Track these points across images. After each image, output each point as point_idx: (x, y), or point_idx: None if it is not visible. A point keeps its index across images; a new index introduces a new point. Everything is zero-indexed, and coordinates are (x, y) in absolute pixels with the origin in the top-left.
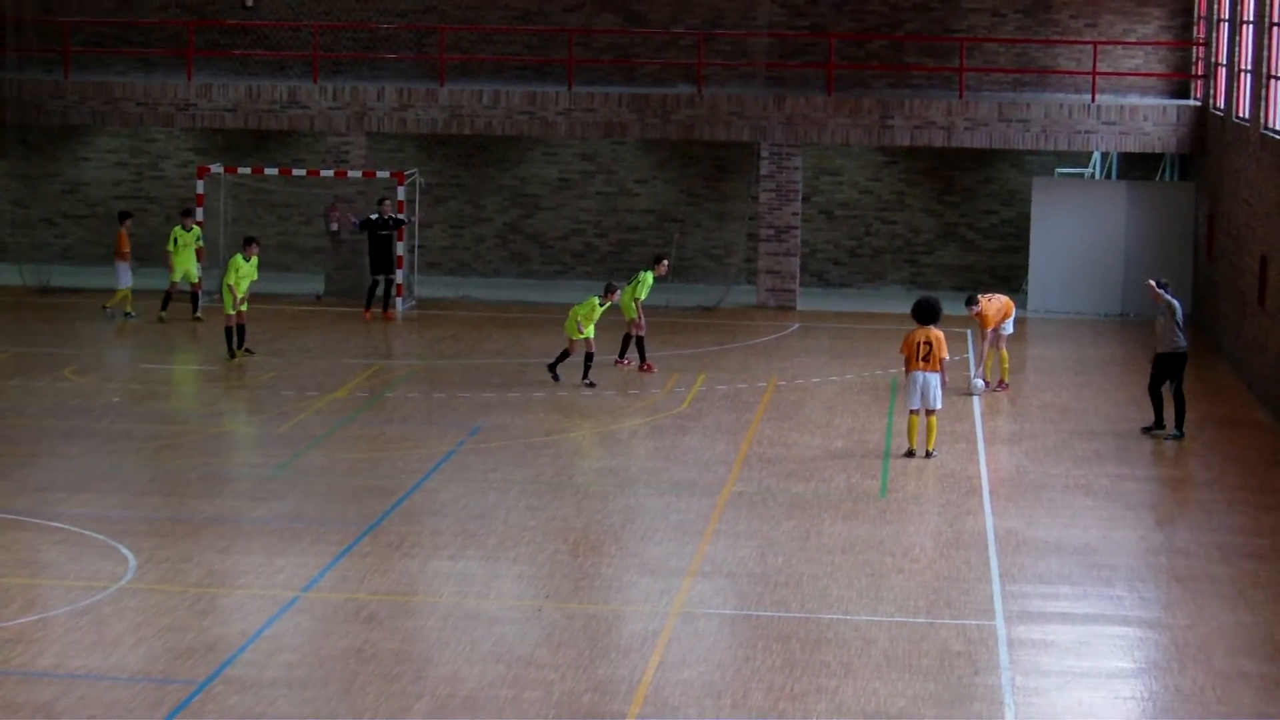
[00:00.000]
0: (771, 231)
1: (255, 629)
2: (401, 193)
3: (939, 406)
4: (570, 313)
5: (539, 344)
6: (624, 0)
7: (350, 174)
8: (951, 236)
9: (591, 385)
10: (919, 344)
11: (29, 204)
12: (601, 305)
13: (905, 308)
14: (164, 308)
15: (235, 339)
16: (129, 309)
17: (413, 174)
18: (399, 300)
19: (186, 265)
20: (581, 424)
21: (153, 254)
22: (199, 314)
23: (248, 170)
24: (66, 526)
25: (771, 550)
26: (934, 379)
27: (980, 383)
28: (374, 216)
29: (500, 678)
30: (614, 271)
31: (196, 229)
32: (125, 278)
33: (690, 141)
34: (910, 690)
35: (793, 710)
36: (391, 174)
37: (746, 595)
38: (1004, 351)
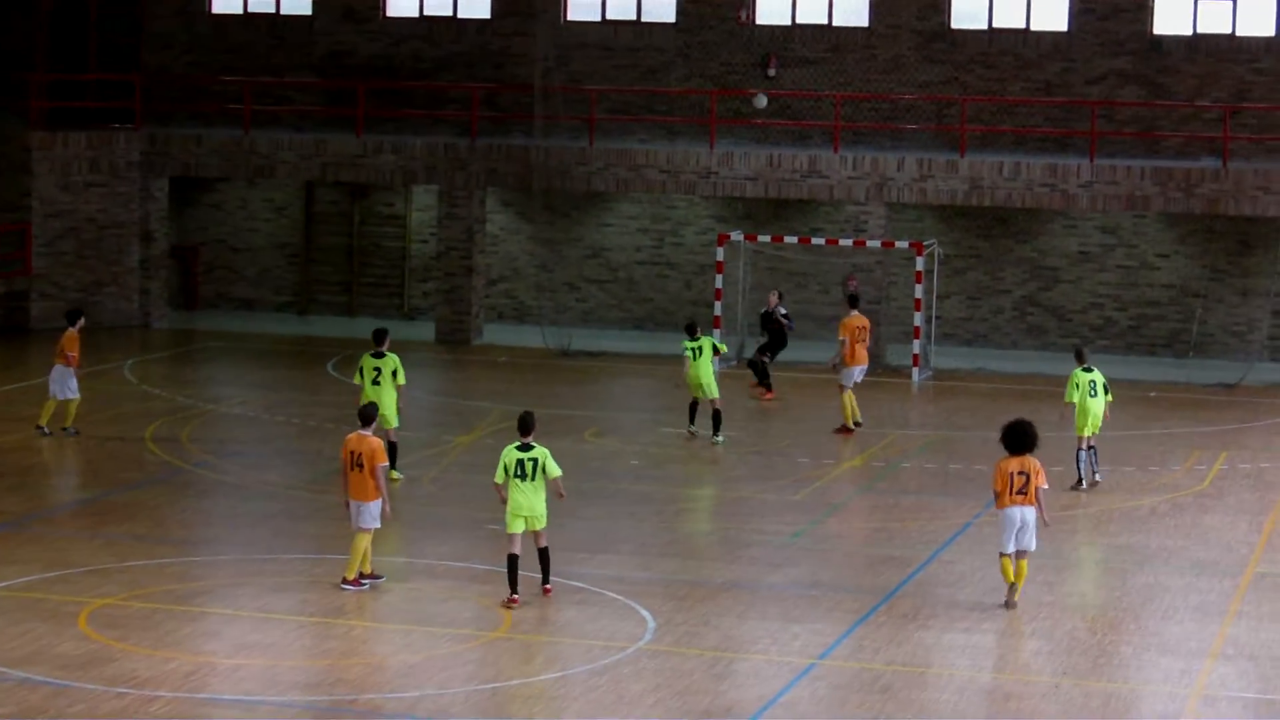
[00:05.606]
0: None
1: (771, 694)
2: (920, 263)
3: (1033, 548)
4: None
5: (1056, 418)
6: (1148, 73)
7: (869, 243)
8: None
9: None
10: (1013, 475)
11: (553, 268)
12: None
13: None
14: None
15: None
16: (66, 424)
17: (931, 244)
18: (914, 370)
19: (700, 381)
20: (1099, 501)
21: (670, 320)
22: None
23: (767, 238)
24: (586, 586)
25: None
26: (1031, 515)
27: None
28: (764, 310)
29: None
30: (1131, 346)
31: (705, 339)
32: (70, 387)
33: (1214, 216)
34: None
35: None
36: (910, 244)
37: (1271, 680)
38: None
